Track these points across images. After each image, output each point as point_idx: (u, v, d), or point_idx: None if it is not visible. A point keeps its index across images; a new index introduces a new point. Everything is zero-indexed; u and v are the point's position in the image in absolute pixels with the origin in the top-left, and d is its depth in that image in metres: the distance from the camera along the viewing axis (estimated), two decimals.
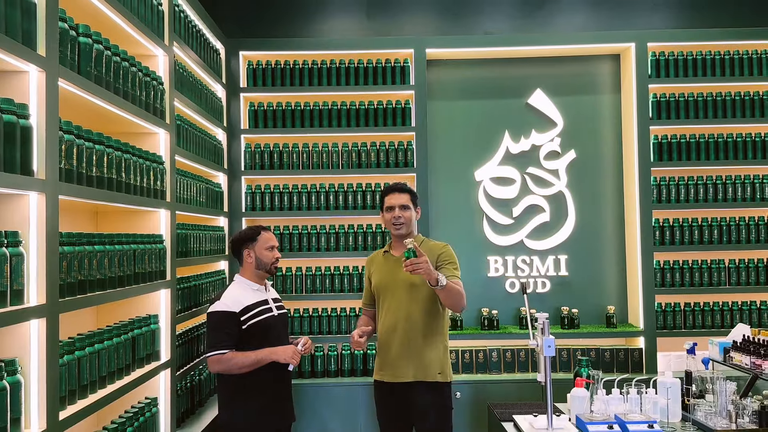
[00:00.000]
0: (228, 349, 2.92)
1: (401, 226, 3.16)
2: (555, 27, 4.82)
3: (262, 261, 3.12)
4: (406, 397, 3.13)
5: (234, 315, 2.96)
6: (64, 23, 2.14)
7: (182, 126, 3.41)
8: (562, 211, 4.70)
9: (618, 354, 4.36)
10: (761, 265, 4.48)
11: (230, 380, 2.99)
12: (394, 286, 3.16)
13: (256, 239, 3.14)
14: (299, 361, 3.04)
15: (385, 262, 3.25)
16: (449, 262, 3.15)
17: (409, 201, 3.20)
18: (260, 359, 2.94)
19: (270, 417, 3.04)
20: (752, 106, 4.52)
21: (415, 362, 3.09)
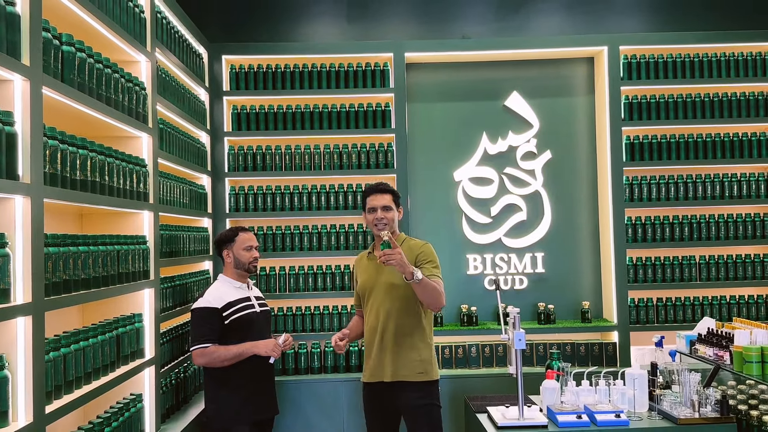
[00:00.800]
0: (211, 342, 3.10)
1: (384, 227, 3.16)
2: (531, 31, 4.95)
3: (240, 261, 3.30)
4: (390, 397, 3.16)
5: (216, 311, 3.15)
6: (47, 33, 2.23)
7: (165, 129, 3.49)
8: (538, 210, 4.82)
9: (593, 348, 4.50)
10: (730, 261, 4.63)
11: (215, 373, 3.16)
12: (376, 287, 3.19)
13: (234, 240, 3.32)
14: (280, 355, 3.19)
15: (369, 263, 3.29)
16: (428, 260, 3.18)
17: (391, 202, 3.22)
18: (242, 352, 3.12)
19: (253, 408, 3.20)
20: (721, 107, 4.66)
21: (394, 362, 3.11)
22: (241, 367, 3.15)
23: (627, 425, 2.96)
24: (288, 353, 4.37)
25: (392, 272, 3.14)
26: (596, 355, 4.48)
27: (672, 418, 3.01)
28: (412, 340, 3.15)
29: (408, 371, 3.12)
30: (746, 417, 3.04)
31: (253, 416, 3.21)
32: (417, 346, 3.16)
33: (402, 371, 3.11)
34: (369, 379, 3.20)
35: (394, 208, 3.23)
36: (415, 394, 3.12)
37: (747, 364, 3.10)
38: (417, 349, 3.15)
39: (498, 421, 3.02)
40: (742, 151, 4.65)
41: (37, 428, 2.09)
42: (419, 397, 3.13)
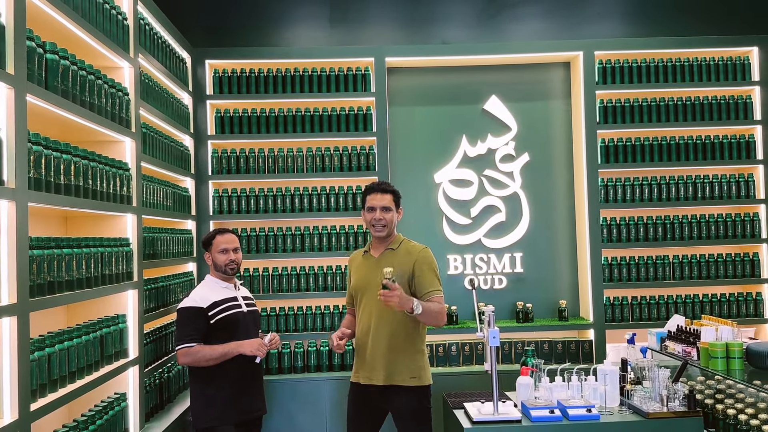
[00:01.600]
0: (195, 342, 3.11)
1: (382, 229, 3.15)
2: (509, 36, 5.06)
3: (217, 263, 3.32)
4: (381, 400, 3.16)
5: (201, 310, 3.16)
6: (31, 42, 2.30)
7: (148, 133, 3.56)
8: (517, 211, 4.93)
9: (570, 346, 4.61)
10: (702, 261, 4.76)
11: (200, 372, 3.16)
12: (370, 288, 3.13)
13: (211, 243, 3.35)
14: (266, 354, 3.19)
15: (364, 262, 3.26)
16: (429, 269, 3.14)
17: (391, 202, 3.19)
18: (227, 352, 3.12)
19: (238, 408, 3.20)
20: (693, 111, 4.80)
21: (388, 366, 3.10)
22: (226, 367, 3.15)
23: (598, 419, 3.07)
24: (272, 353, 4.44)
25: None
26: (573, 353, 4.59)
27: (642, 412, 3.12)
28: (406, 344, 3.13)
29: (401, 376, 3.10)
30: (712, 411, 3.16)
31: (238, 416, 3.20)
32: (410, 351, 3.14)
33: (395, 376, 3.10)
34: (364, 381, 3.16)
35: (394, 209, 3.20)
36: (406, 397, 3.12)
37: (712, 359, 3.22)
38: (410, 353, 3.14)
39: (473, 416, 3.11)
40: (714, 153, 4.78)
41: (22, 425, 2.16)
42: (410, 400, 3.12)
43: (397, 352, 3.11)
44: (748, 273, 4.76)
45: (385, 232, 3.18)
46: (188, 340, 3.11)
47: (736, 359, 3.19)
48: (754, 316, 4.73)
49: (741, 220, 4.78)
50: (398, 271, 3.04)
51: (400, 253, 3.19)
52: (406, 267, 3.13)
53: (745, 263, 4.77)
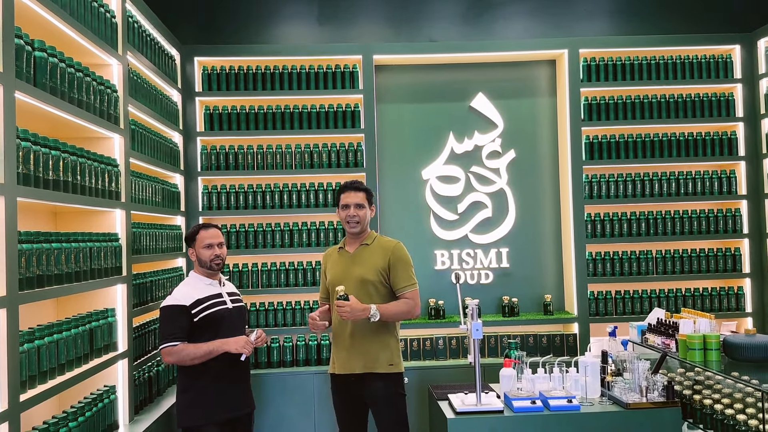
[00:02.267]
0: (179, 341, 3.05)
1: (356, 225, 3.31)
2: (496, 35, 5.12)
3: (201, 259, 3.24)
4: (359, 388, 3.29)
5: (184, 308, 3.10)
6: (20, 40, 2.34)
7: (137, 130, 3.60)
8: (503, 207, 5.00)
9: (554, 339, 4.68)
10: (685, 256, 4.85)
11: (187, 369, 3.12)
12: (348, 281, 3.27)
13: (195, 238, 3.26)
14: (252, 352, 3.14)
15: (339, 257, 3.40)
16: (403, 265, 3.32)
17: (364, 200, 3.35)
18: (211, 350, 3.07)
19: (224, 406, 3.16)
20: (676, 108, 4.87)
21: (365, 355, 3.25)
22: (212, 365, 3.10)
23: (578, 410, 3.14)
24: (261, 348, 4.49)
25: (364, 266, 3.30)
26: (558, 346, 4.67)
27: (621, 403, 3.19)
28: (382, 333, 3.29)
29: (379, 363, 3.25)
30: (690, 401, 3.23)
31: (223, 415, 3.15)
32: (387, 340, 3.30)
33: (373, 363, 3.25)
34: (339, 370, 3.30)
35: (367, 207, 3.36)
36: (383, 384, 3.27)
37: (690, 351, 3.29)
38: (387, 342, 3.30)
39: (457, 407, 3.17)
40: (696, 150, 4.86)
41: (12, 415, 2.20)
42: (387, 387, 3.28)
43: (373, 341, 3.27)
44: (730, 268, 4.85)
45: (358, 228, 3.34)
46: (172, 339, 3.05)
47: (714, 351, 3.26)
48: (736, 310, 4.82)
49: (723, 215, 4.87)
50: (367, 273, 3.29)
51: (374, 248, 3.36)
52: (381, 262, 3.31)
53: (726, 258, 4.85)
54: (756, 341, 3.18)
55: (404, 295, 3.29)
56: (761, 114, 4.80)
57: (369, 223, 3.40)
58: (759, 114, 4.82)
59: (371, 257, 3.32)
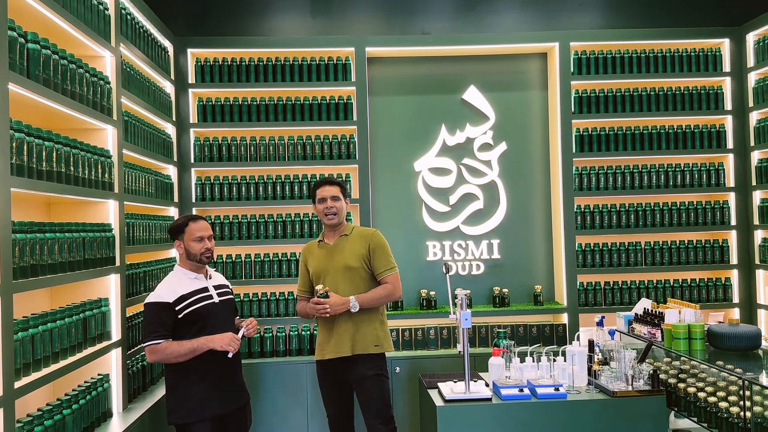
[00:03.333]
0: (163, 338, 2.97)
1: (333, 217, 3.51)
2: (488, 27, 5.15)
3: (191, 252, 3.15)
4: (344, 371, 3.47)
5: (167, 305, 3.01)
6: (13, 32, 2.37)
7: (130, 121, 3.62)
8: (494, 198, 5.04)
9: (544, 329, 4.74)
10: (674, 247, 4.91)
11: (175, 366, 3.04)
12: (332, 270, 3.49)
13: (183, 230, 3.16)
14: (238, 349, 3.05)
15: (320, 251, 3.58)
16: (382, 251, 3.53)
17: (339, 192, 3.55)
18: (195, 348, 2.98)
19: (215, 402, 3.08)
20: (666, 101, 4.92)
21: (354, 337, 3.44)
22: (200, 361, 3.03)
23: (565, 397, 3.20)
24: (255, 337, 4.53)
25: (345, 255, 3.49)
26: (547, 336, 4.73)
27: (608, 391, 3.25)
28: (369, 316, 3.49)
29: (366, 345, 3.45)
30: (675, 390, 3.30)
31: (214, 411, 3.08)
32: (373, 322, 3.50)
33: (361, 345, 3.44)
34: (329, 355, 3.45)
35: (342, 199, 3.56)
36: (368, 365, 3.45)
37: (675, 340, 3.36)
38: (373, 324, 3.50)
39: (446, 395, 3.23)
40: (685, 143, 4.92)
41: (7, 402, 2.25)
42: (371, 368, 3.46)
43: (360, 323, 3.46)
44: (718, 259, 4.91)
45: (336, 220, 3.53)
46: (154, 337, 2.97)
47: (698, 340, 3.32)
48: (723, 301, 4.88)
49: (711, 207, 4.93)
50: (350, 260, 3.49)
51: (354, 237, 3.56)
52: (362, 249, 3.51)
53: (714, 249, 4.92)
54: (739, 331, 3.24)
55: (385, 279, 3.51)
56: (749, 107, 4.85)
57: (345, 215, 3.59)
58: (747, 107, 4.87)
59: (352, 246, 3.52)
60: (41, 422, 2.50)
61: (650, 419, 3.20)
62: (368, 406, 3.45)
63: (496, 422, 3.14)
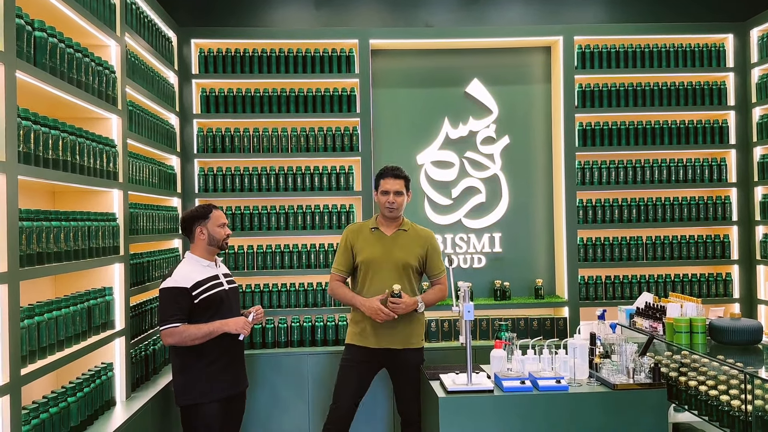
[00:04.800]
0: (180, 322, 3.13)
1: (394, 210, 3.61)
2: (491, 21, 5.14)
3: (215, 237, 3.33)
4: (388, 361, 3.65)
5: (185, 290, 3.17)
6: (20, 20, 2.37)
7: (134, 111, 3.62)
8: (496, 192, 5.05)
9: (545, 323, 4.76)
10: (675, 242, 4.92)
11: (185, 350, 3.20)
12: (387, 263, 3.59)
13: (208, 217, 3.33)
14: (249, 332, 3.30)
15: (374, 238, 3.64)
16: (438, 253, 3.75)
17: (403, 187, 3.63)
18: (212, 331, 3.17)
19: (223, 384, 3.28)
20: (668, 95, 4.92)
21: (405, 331, 3.60)
22: (210, 345, 3.20)
23: (566, 390, 3.21)
24: (256, 327, 4.55)
25: (406, 252, 3.62)
26: (548, 330, 4.75)
27: (609, 384, 3.27)
28: (416, 314, 3.65)
29: (415, 339, 3.66)
30: (676, 383, 3.31)
31: (223, 393, 3.27)
32: (418, 318, 3.69)
33: (411, 339, 3.64)
34: (375, 345, 3.60)
35: (405, 193, 3.65)
36: (416, 356, 3.68)
37: (677, 334, 3.37)
38: (418, 320, 3.69)
39: (448, 386, 3.24)
40: (688, 138, 4.92)
41: (13, 388, 2.26)
42: (418, 358, 3.70)
43: (411, 319, 3.63)
44: (719, 254, 4.93)
45: (396, 214, 3.64)
46: (173, 321, 3.12)
47: (699, 334, 3.34)
48: (723, 296, 4.90)
49: (713, 203, 4.94)
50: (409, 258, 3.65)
51: (412, 235, 3.71)
52: (420, 250, 3.68)
53: (716, 245, 4.93)
54: (740, 325, 3.26)
55: (439, 279, 3.73)
56: (752, 103, 4.86)
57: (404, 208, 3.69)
58: (750, 103, 4.88)
59: (411, 243, 3.66)
60: (46, 409, 2.52)
61: (651, 412, 3.21)
62: (411, 393, 3.63)
63: (497, 414, 3.15)
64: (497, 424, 3.15)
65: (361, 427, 4.37)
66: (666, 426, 3.26)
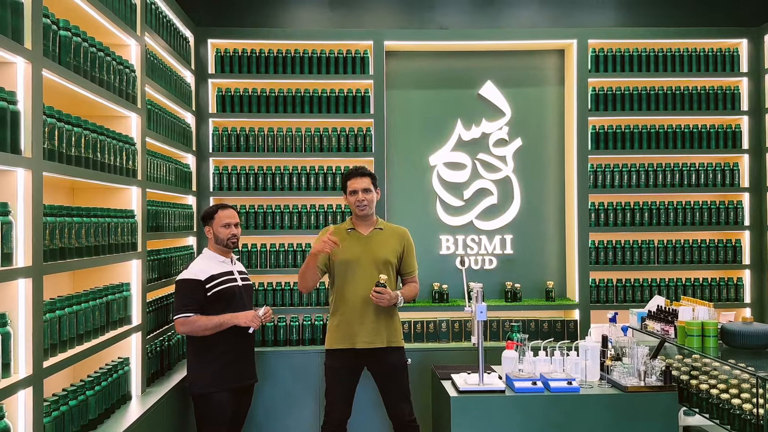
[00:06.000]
0: (193, 312, 3.32)
1: (365, 208, 3.58)
2: (505, 23, 5.16)
3: (219, 237, 3.51)
4: (371, 361, 3.59)
5: (199, 283, 3.36)
6: (47, 19, 2.41)
7: (153, 110, 3.67)
8: (508, 194, 5.07)
9: (555, 325, 4.77)
10: (687, 246, 4.92)
11: (196, 341, 3.39)
12: (366, 261, 3.56)
13: (213, 217, 3.52)
14: (259, 326, 3.41)
15: (351, 238, 3.62)
16: (413, 252, 3.75)
17: (370, 184, 3.61)
18: (222, 323, 3.34)
19: (232, 375, 3.44)
20: (682, 100, 4.93)
21: (388, 329, 3.58)
22: (221, 337, 3.37)
23: (577, 391, 3.24)
24: (268, 325, 4.59)
25: (384, 249, 3.61)
26: (558, 332, 4.76)
27: (620, 386, 3.28)
28: (395, 310, 3.66)
29: (397, 337, 3.63)
30: (687, 386, 3.32)
31: (232, 383, 3.44)
32: (397, 316, 3.68)
33: (393, 338, 3.60)
34: (362, 345, 3.53)
35: (373, 190, 3.62)
36: (398, 355, 3.63)
37: (689, 337, 3.39)
38: (397, 318, 3.69)
39: (460, 386, 3.27)
40: (701, 142, 4.92)
41: (36, 380, 2.30)
42: (402, 357, 3.66)
43: (392, 317, 3.62)
44: (730, 259, 4.93)
45: (367, 211, 3.60)
46: (186, 311, 3.31)
47: (711, 337, 3.35)
48: (735, 301, 4.90)
49: (725, 207, 4.93)
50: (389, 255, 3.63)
51: (388, 233, 3.68)
52: (398, 246, 3.67)
53: (727, 249, 4.93)
54: (753, 329, 3.27)
55: (412, 278, 3.73)
56: (766, 108, 4.85)
57: (375, 205, 3.67)
58: (763, 108, 4.87)
59: (388, 241, 3.64)
60: (66, 402, 2.56)
61: (661, 415, 3.23)
62: (398, 394, 3.59)
63: (509, 414, 3.18)
64: (508, 424, 3.17)
65: (360, 428, 4.41)
66: (676, 429, 3.27)
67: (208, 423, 3.41)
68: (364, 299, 3.52)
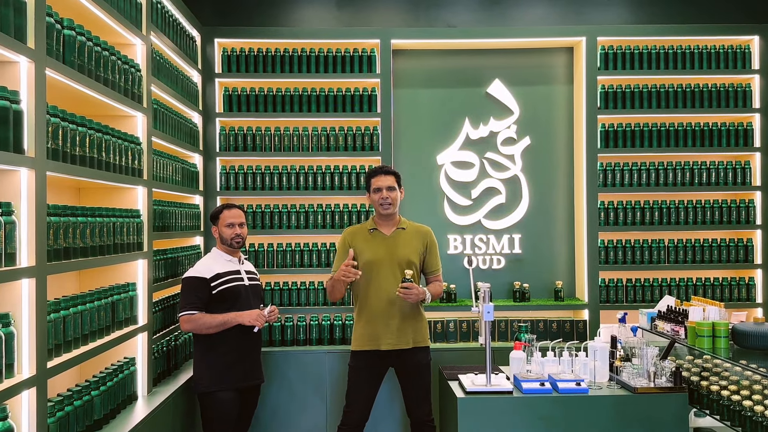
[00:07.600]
0: (197, 310, 3.34)
1: (389, 207, 3.52)
2: (513, 21, 5.12)
3: (223, 237, 3.55)
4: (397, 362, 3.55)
5: (205, 280, 3.38)
6: (50, 18, 2.41)
7: (159, 109, 3.67)
8: (517, 193, 5.03)
9: (564, 325, 4.73)
10: (697, 245, 4.86)
11: (203, 339, 3.41)
12: (390, 262, 3.51)
13: (218, 217, 3.56)
14: (264, 324, 3.40)
15: (374, 238, 3.57)
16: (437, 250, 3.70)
17: (394, 182, 3.56)
18: (226, 321, 3.35)
19: (237, 375, 3.44)
20: (692, 97, 4.87)
21: (414, 330, 3.54)
22: (227, 336, 3.38)
23: (586, 392, 3.20)
24: (275, 325, 4.58)
25: (407, 249, 3.55)
26: (567, 332, 4.72)
27: (629, 387, 3.25)
28: (420, 311, 3.62)
29: (422, 338, 3.58)
30: (697, 387, 3.28)
31: (237, 383, 3.44)
32: (422, 316, 3.63)
33: (419, 338, 3.56)
34: (387, 347, 3.48)
35: (397, 189, 3.58)
36: (424, 354, 3.59)
37: (699, 338, 3.34)
38: (423, 318, 3.63)
39: (467, 386, 3.25)
40: (711, 140, 4.87)
41: (40, 381, 2.30)
42: (427, 356, 3.62)
43: (417, 318, 3.58)
44: (742, 258, 4.86)
45: (391, 210, 3.54)
46: (190, 308, 3.34)
47: (722, 338, 3.30)
48: (746, 301, 4.84)
49: (736, 206, 4.87)
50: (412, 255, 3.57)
51: (411, 232, 3.64)
52: (420, 246, 3.61)
53: (738, 248, 4.87)
54: (765, 329, 3.21)
55: (436, 276, 3.69)
56: None
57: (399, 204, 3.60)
58: None
59: (411, 241, 3.59)
60: (71, 402, 2.56)
61: (671, 416, 3.19)
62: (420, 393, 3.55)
63: (516, 415, 3.15)
64: (516, 425, 3.14)
65: (375, 427, 4.38)
66: (687, 431, 3.23)
67: (213, 422, 3.41)
68: (388, 300, 3.47)
